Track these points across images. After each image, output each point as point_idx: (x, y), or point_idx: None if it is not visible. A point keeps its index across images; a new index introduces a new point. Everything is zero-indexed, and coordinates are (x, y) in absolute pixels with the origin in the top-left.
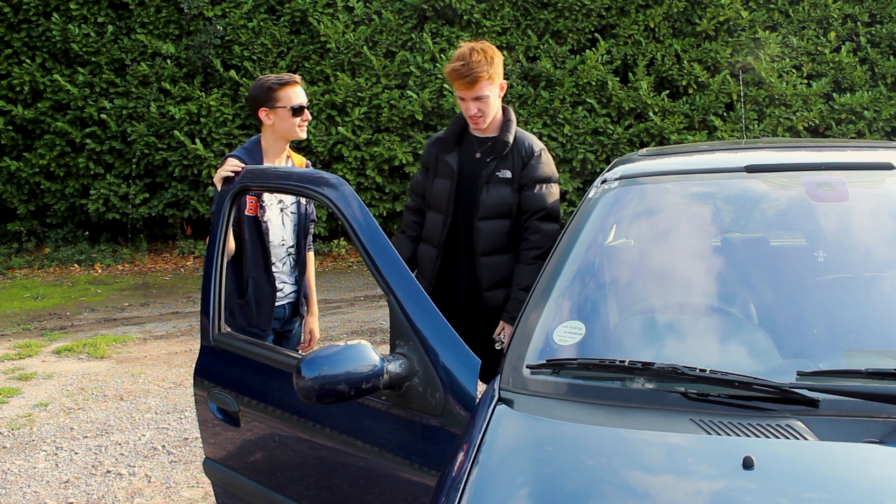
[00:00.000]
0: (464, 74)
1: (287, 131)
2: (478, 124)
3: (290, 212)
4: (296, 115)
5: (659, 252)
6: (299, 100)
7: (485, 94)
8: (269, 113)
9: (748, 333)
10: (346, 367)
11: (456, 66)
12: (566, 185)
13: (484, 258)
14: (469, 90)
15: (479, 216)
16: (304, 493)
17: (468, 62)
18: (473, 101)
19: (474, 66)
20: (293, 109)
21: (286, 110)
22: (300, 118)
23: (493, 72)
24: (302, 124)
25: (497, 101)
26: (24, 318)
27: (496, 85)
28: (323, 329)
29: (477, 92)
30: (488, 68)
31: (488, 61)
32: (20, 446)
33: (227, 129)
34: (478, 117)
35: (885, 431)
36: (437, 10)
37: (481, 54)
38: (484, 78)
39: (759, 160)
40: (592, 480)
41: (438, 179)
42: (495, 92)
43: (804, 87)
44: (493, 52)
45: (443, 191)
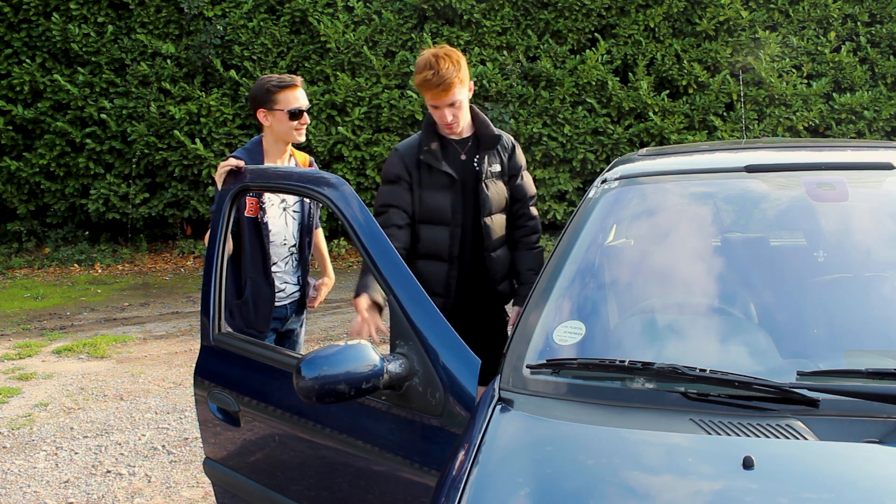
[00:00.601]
0: (436, 83)
1: (284, 134)
2: (453, 129)
3: (292, 211)
4: (293, 119)
5: (659, 252)
6: (298, 103)
7: (458, 99)
8: (267, 115)
9: (748, 333)
10: (346, 367)
11: (426, 76)
12: (566, 185)
13: (493, 254)
14: (443, 98)
15: (486, 213)
16: (304, 493)
17: (437, 70)
18: (448, 108)
19: (445, 74)
20: (290, 113)
21: (283, 113)
22: (298, 122)
23: (462, 75)
24: (300, 128)
25: (468, 104)
26: (24, 318)
27: (466, 87)
28: (323, 329)
29: (451, 98)
30: (458, 73)
31: (456, 65)
32: (20, 446)
33: (227, 129)
34: (452, 123)
35: (885, 431)
36: (437, 10)
37: (447, 60)
38: (456, 83)
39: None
40: (592, 480)
41: (431, 192)
42: (466, 94)
43: (804, 87)
44: (457, 55)
45: (443, 203)
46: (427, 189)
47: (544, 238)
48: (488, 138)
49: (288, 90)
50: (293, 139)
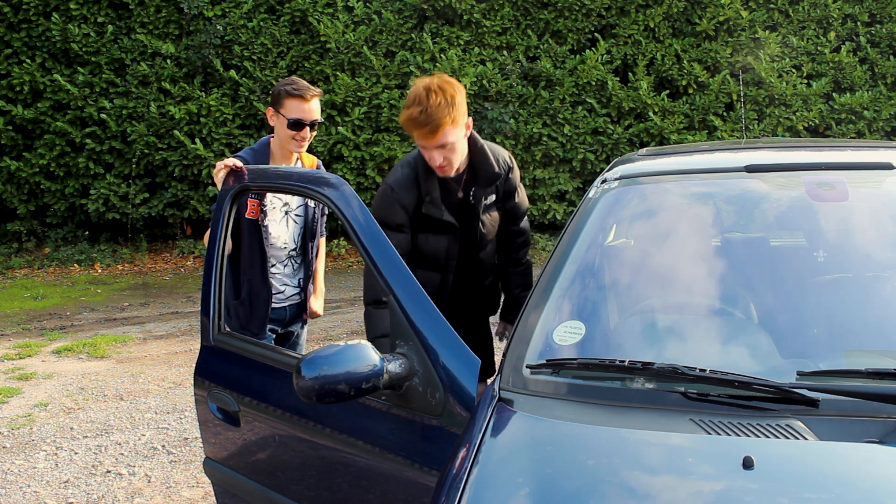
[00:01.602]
0: (423, 123)
1: (283, 140)
2: (445, 172)
3: (294, 215)
4: (291, 129)
5: (659, 252)
6: (301, 115)
7: (449, 141)
8: (274, 115)
9: (748, 333)
10: (346, 367)
11: (412, 114)
12: (566, 184)
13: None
14: (430, 139)
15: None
16: (304, 493)
17: (426, 107)
18: (437, 149)
19: (434, 112)
20: (290, 122)
21: (285, 120)
22: (296, 133)
23: (455, 114)
24: (299, 140)
25: (463, 143)
26: (24, 318)
27: (460, 127)
28: (323, 329)
29: (440, 140)
30: (450, 111)
31: (449, 102)
32: (20, 446)
33: (227, 129)
34: (444, 166)
35: (885, 431)
36: (437, 10)
37: (440, 95)
38: (447, 124)
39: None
40: (592, 480)
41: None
42: (461, 133)
43: (804, 87)
44: (453, 89)
45: (439, 248)
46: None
47: (544, 238)
48: (487, 176)
49: (297, 99)
50: (290, 148)
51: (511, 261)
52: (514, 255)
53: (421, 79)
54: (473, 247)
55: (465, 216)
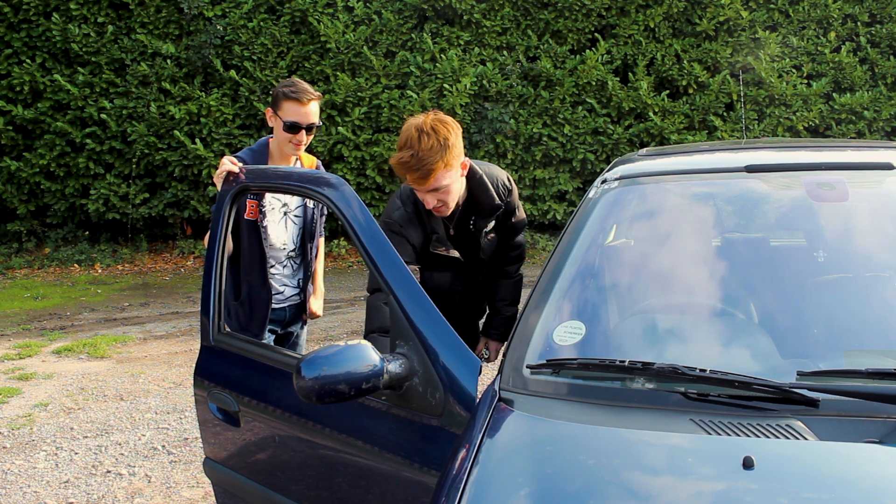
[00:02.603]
0: (414, 168)
1: (280, 142)
2: (442, 213)
3: (293, 216)
4: (287, 131)
5: (659, 252)
6: (297, 118)
7: (443, 185)
8: (272, 117)
9: (748, 333)
10: (346, 367)
11: (403, 158)
12: (566, 184)
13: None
14: (422, 185)
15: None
16: (304, 493)
17: (417, 151)
18: (430, 193)
19: (425, 157)
20: (285, 124)
21: (281, 122)
22: (292, 135)
23: (449, 157)
24: (295, 143)
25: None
26: (24, 318)
27: (456, 169)
28: (323, 329)
29: (433, 185)
30: (443, 154)
31: (441, 145)
32: (20, 446)
33: (227, 129)
34: (439, 208)
35: (885, 431)
36: (437, 10)
37: (432, 137)
38: (439, 168)
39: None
40: (592, 480)
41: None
42: (455, 175)
43: (804, 87)
44: (446, 129)
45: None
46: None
47: (544, 238)
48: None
49: (294, 102)
50: (287, 151)
51: (501, 272)
52: (506, 266)
53: (414, 118)
54: (475, 275)
55: (467, 246)
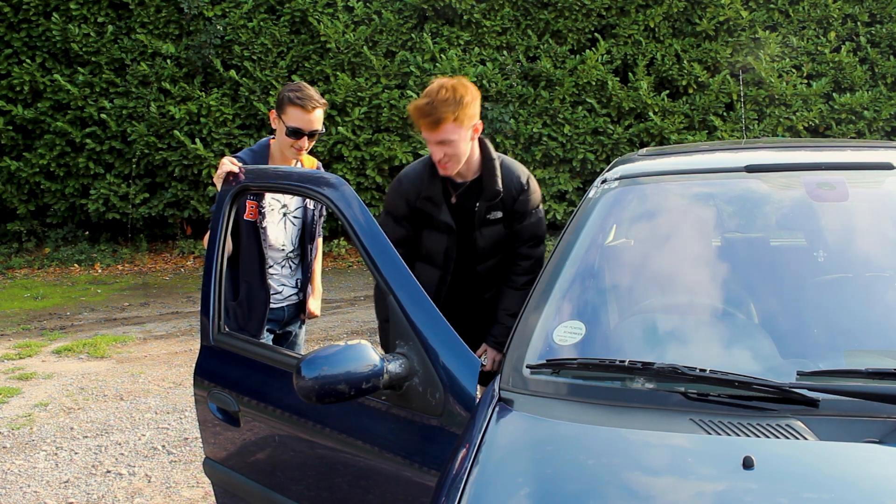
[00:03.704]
0: (426, 114)
1: (282, 146)
2: (446, 170)
3: (292, 217)
4: (289, 136)
5: (659, 252)
6: (300, 124)
7: (450, 139)
8: (275, 120)
9: (748, 333)
10: (346, 367)
11: (419, 104)
12: (566, 184)
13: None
14: (432, 132)
15: (480, 261)
16: (304, 493)
17: (433, 101)
18: (438, 144)
19: (438, 106)
20: (288, 129)
21: (284, 126)
22: (294, 141)
23: (461, 114)
24: (298, 149)
25: (467, 144)
26: (24, 318)
27: (466, 129)
28: (323, 329)
29: (441, 135)
30: (455, 109)
31: (457, 101)
32: (20, 446)
33: (227, 129)
34: (444, 163)
35: (885, 431)
36: (437, 10)
37: (450, 92)
38: (448, 120)
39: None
40: (592, 480)
41: (429, 233)
42: (464, 135)
43: (804, 87)
44: (465, 91)
45: (439, 247)
46: (426, 230)
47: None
48: (489, 190)
49: (297, 108)
50: (288, 155)
51: (509, 280)
52: (514, 276)
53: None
54: (473, 256)
55: (465, 223)
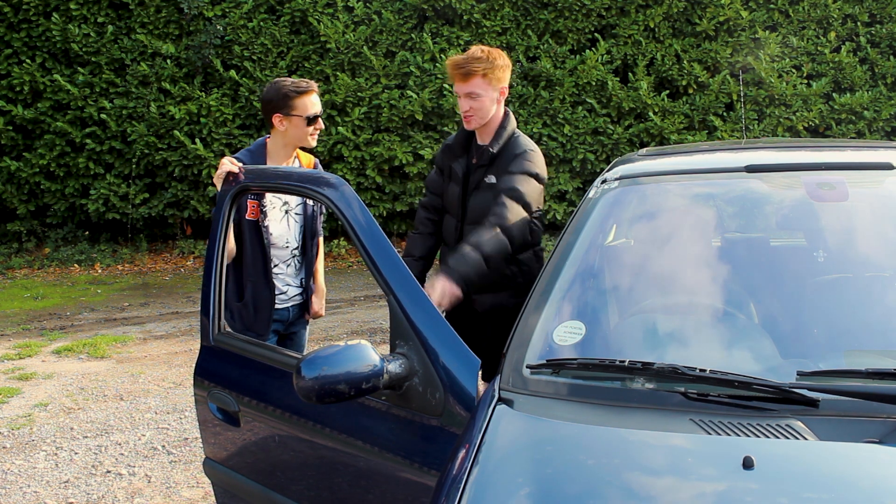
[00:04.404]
0: (460, 65)
1: (299, 139)
2: (469, 123)
3: (295, 213)
4: (310, 125)
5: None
6: (315, 109)
7: (477, 92)
8: (284, 119)
9: (748, 333)
10: (346, 367)
11: (456, 58)
12: (566, 184)
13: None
14: (462, 83)
15: (466, 221)
16: (304, 493)
17: (468, 56)
18: (466, 96)
19: (472, 61)
20: (308, 119)
21: (301, 119)
22: (313, 127)
23: (491, 73)
24: (314, 133)
25: (492, 104)
26: (24, 318)
27: (493, 88)
28: (323, 329)
29: (469, 87)
30: (487, 67)
31: (490, 61)
32: (20, 446)
33: (227, 129)
34: (469, 115)
35: (885, 431)
36: (437, 10)
37: (485, 53)
38: (478, 74)
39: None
40: (592, 480)
41: (451, 184)
42: (491, 94)
43: (804, 87)
44: (499, 56)
45: (454, 196)
46: (450, 182)
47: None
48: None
49: (305, 95)
50: (307, 143)
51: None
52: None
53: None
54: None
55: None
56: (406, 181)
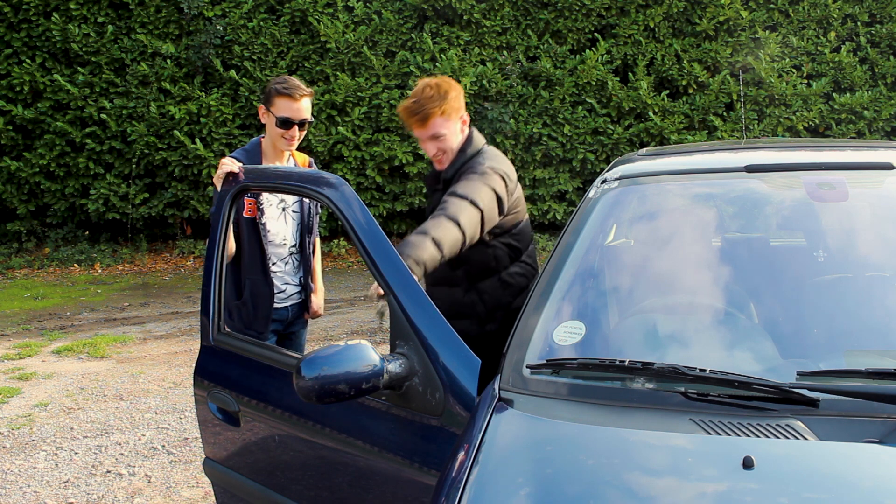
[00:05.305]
0: (415, 111)
1: (273, 138)
2: (441, 164)
3: (292, 211)
4: (280, 127)
5: (659, 252)
6: (290, 113)
7: (440, 133)
8: (265, 114)
9: (748, 333)
10: (346, 367)
11: (407, 104)
12: (566, 184)
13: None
14: (422, 128)
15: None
16: (304, 493)
17: (419, 99)
18: (430, 140)
19: (425, 103)
20: (278, 120)
21: (274, 118)
22: (285, 131)
23: (447, 107)
24: (289, 139)
25: (457, 137)
26: (24, 318)
27: (453, 121)
28: (323, 329)
29: (431, 130)
30: (441, 103)
31: (441, 96)
32: (20, 446)
33: (227, 129)
34: (438, 157)
35: (885, 431)
36: (437, 10)
37: (434, 89)
38: (436, 114)
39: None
40: (592, 480)
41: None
42: (453, 128)
43: (804, 87)
44: (448, 86)
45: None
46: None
47: (544, 238)
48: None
49: (286, 98)
50: (280, 146)
51: None
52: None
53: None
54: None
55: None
56: (406, 181)
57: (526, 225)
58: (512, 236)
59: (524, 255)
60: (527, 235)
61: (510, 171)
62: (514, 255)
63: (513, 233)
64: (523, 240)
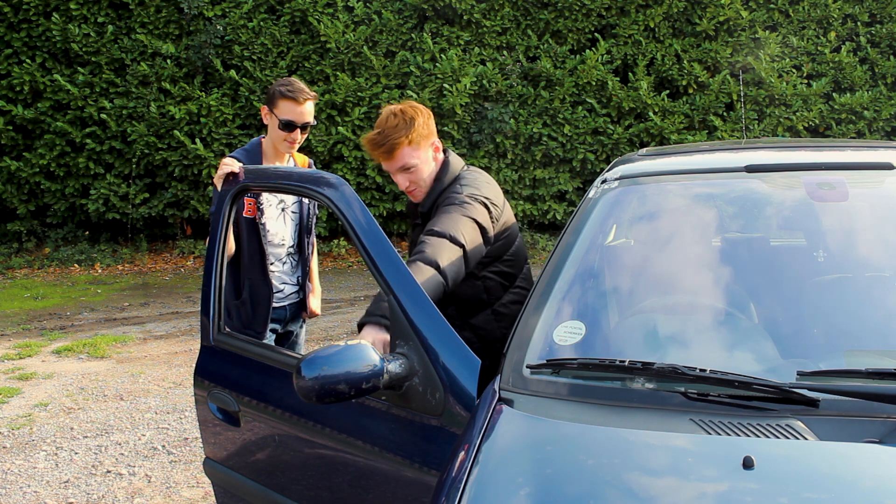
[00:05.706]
0: (379, 143)
1: (275, 140)
2: (415, 196)
3: (291, 211)
4: (282, 130)
5: (659, 252)
6: (292, 116)
7: (410, 163)
8: (268, 115)
9: (748, 333)
10: (346, 367)
11: (370, 136)
12: (566, 184)
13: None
14: (389, 160)
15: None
16: (304, 493)
17: (383, 129)
18: (400, 172)
19: (390, 133)
20: (281, 122)
21: (277, 120)
22: (287, 134)
23: (414, 135)
24: (290, 141)
25: (429, 166)
26: (24, 318)
27: (423, 149)
28: (323, 329)
29: (399, 161)
30: (408, 132)
31: (407, 123)
32: (20, 446)
33: (227, 129)
34: (411, 190)
35: (885, 431)
36: (437, 10)
37: (399, 117)
38: (403, 144)
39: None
40: (592, 480)
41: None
42: (424, 157)
43: (804, 87)
44: (413, 111)
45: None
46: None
47: (544, 238)
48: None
49: (289, 101)
50: (281, 149)
51: None
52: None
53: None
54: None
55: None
56: None
57: (518, 247)
58: (503, 262)
59: (518, 280)
60: (520, 258)
61: (494, 195)
62: (507, 282)
63: (504, 259)
64: (517, 264)
